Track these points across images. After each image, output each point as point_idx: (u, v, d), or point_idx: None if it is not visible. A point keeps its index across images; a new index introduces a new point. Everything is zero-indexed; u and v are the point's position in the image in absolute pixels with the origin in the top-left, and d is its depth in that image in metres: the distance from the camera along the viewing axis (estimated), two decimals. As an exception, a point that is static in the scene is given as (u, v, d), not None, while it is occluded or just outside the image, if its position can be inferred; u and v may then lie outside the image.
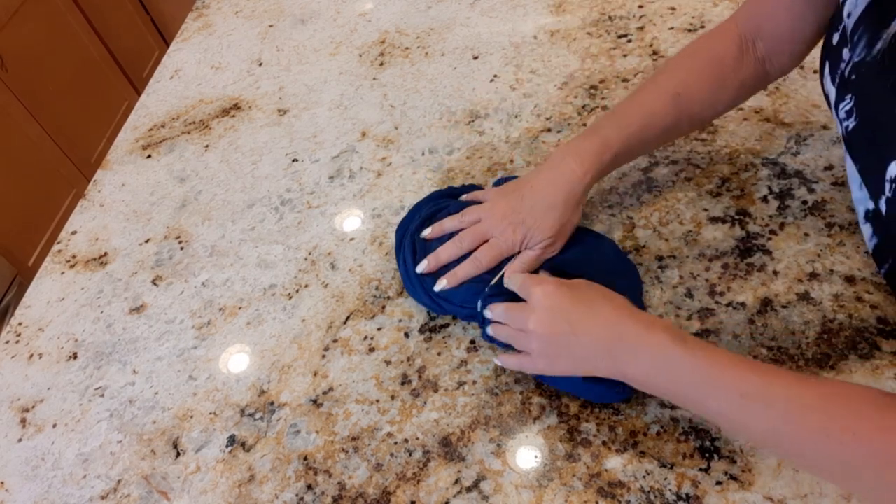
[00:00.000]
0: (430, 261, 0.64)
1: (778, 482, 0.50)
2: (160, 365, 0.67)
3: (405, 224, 0.70)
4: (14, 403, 0.67)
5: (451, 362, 0.61)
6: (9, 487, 0.61)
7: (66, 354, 0.70)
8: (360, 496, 0.54)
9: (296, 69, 0.99)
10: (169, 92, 1.01)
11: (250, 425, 0.61)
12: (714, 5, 0.91)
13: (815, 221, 0.64)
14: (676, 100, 0.61)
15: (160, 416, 0.63)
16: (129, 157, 0.92)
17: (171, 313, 0.71)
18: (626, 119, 0.62)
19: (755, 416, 0.43)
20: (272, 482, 0.56)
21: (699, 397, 0.46)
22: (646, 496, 0.50)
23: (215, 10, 1.17)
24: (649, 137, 0.63)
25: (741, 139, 0.74)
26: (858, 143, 0.51)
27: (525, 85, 0.87)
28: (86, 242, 0.82)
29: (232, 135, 0.91)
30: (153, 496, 0.58)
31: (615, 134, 0.61)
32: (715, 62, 0.62)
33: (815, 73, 0.78)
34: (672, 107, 0.61)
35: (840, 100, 0.52)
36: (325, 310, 0.68)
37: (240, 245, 0.76)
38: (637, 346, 0.48)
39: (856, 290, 0.59)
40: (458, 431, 0.57)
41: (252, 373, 0.64)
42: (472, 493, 0.53)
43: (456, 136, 0.82)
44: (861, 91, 0.49)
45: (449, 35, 0.98)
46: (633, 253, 0.66)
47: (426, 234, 0.67)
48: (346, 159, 0.83)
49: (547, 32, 0.94)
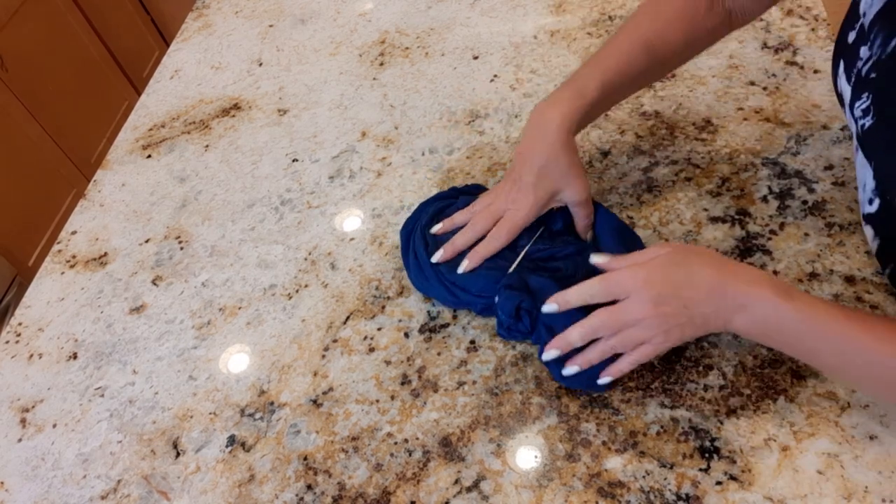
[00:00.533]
0: (447, 248, 0.64)
1: (778, 482, 0.50)
2: (160, 365, 0.67)
3: (411, 222, 0.69)
4: (14, 403, 0.67)
5: (451, 362, 0.61)
6: (9, 487, 0.61)
7: (66, 354, 0.70)
8: (360, 496, 0.54)
9: (296, 69, 0.99)
10: (169, 92, 1.01)
11: (250, 425, 0.61)
12: (714, 5, 0.91)
13: (815, 221, 0.64)
14: (649, 46, 0.62)
15: (160, 416, 0.63)
16: (129, 157, 0.92)
17: (171, 313, 0.71)
18: (601, 65, 0.62)
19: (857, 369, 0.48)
20: (272, 482, 0.56)
21: (806, 349, 0.49)
22: (646, 496, 0.50)
23: (215, 10, 1.17)
24: (624, 83, 0.63)
25: (741, 139, 0.74)
26: (874, 142, 0.51)
27: (525, 85, 0.87)
28: (86, 242, 0.82)
29: (232, 135, 0.91)
30: (153, 496, 0.58)
31: (591, 82, 0.61)
32: (686, 10, 0.62)
33: (816, 73, 0.78)
34: (645, 54, 0.62)
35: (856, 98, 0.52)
36: (325, 310, 0.68)
37: (240, 245, 0.76)
38: (744, 303, 0.49)
39: (856, 290, 0.59)
40: (458, 431, 0.57)
41: (252, 373, 0.64)
42: (472, 493, 0.53)
43: (456, 136, 0.82)
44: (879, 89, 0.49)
45: (449, 35, 0.98)
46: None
47: (436, 230, 0.66)
48: (346, 159, 0.83)
49: (547, 32, 0.94)
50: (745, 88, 0.79)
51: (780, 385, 0.54)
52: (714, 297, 0.50)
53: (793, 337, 0.48)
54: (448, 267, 0.63)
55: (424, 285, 0.65)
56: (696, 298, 0.50)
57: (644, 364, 0.57)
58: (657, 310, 0.51)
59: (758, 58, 0.82)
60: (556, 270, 0.61)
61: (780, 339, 0.49)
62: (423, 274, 0.64)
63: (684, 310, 0.50)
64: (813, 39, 0.82)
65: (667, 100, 0.80)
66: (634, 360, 0.53)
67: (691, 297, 0.50)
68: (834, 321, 0.47)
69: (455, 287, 0.62)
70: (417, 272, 0.65)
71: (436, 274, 0.64)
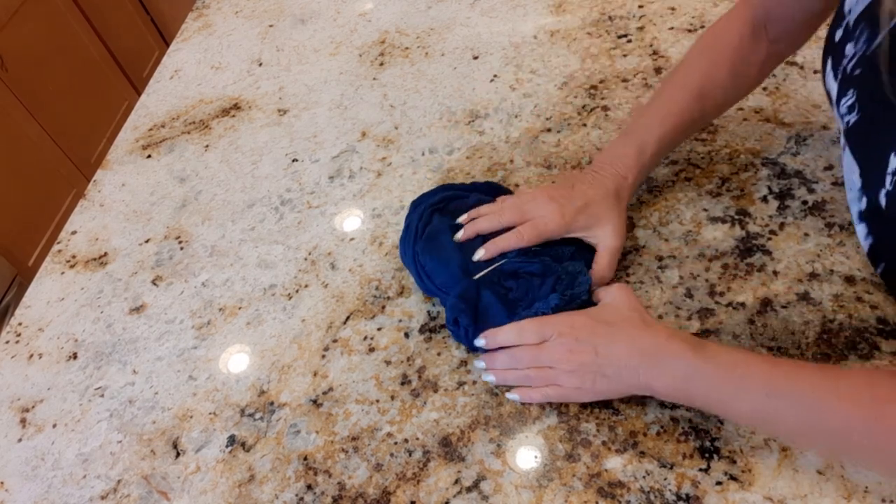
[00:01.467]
0: (468, 228, 0.64)
1: (778, 482, 0.50)
2: (160, 365, 0.67)
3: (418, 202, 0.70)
4: (14, 403, 0.67)
5: (450, 362, 0.61)
6: (9, 487, 0.61)
7: (66, 354, 0.70)
8: (360, 496, 0.54)
9: (296, 69, 0.99)
10: (169, 92, 1.01)
11: (250, 425, 0.61)
12: (714, 5, 0.91)
13: (815, 221, 0.64)
14: (701, 93, 0.63)
15: (160, 416, 0.63)
16: (129, 157, 0.92)
17: (171, 313, 0.71)
18: (657, 119, 0.64)
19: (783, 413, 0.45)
20: (272, 482, 0.56)
21: (726, 402, 0.48)
22: (646, 496, 0.50)
23: (215, 10, 1.17)
24: (679, 133, 0.65)
25: (741, 139, 0.74)
26: (859, 138, 0.51)
27: (525, 85, 0.87)
28: (86, 242, 0.82)
29: (232, 135, 0.91)
30: (153, 496, 0.58)
31: (650, 137, 0.63)
32: (732, 49, 0.63)
33: (816, 73, 0.78)
34: (697, 101, 0.63)
35: (842, 95, 0.52)
36: (325, 310, 0.68)
37: (240, 245, 0.76)
38: (658, 360, 0.50)
39: (855, 290, 0.59)
40: (458, 431, 0.57)
41: (252, 373, 0.64)
42: (472, 493, 0.53)
43: (456, 136, 0.82)
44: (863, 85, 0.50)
45: (449, 35, 0.98)
46: (633, 253, 0.66)
47: (462, 219, 0.66)
48: (346, 159, 0.83)
49: (547, 32, 0.94)
50: (745, 88, 0.79)
51: (780, 385, 0.54)
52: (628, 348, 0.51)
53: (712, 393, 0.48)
54: (423, 249, 0.64)
55: (406, 260, 0.67)
56: (611, 351, 0.52)
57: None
58: (572, 356, 0.53)
59: (758, 58, 0.82)
60: (508, 289, 0.61)
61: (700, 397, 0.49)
62: (406, 250, 0.66)
63: (596, 358, 0.52)
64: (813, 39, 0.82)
65: (667, 100, 0.80)
66: (543, 395, 0.55)
67: (607, 350, 0.52)
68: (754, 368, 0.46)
69: (423, 272, 0.64)
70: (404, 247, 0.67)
71: (413, 255, 0.65)
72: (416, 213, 0.68)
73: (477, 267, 0.62)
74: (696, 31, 0.88)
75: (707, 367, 0.48)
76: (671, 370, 0.49)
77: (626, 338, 0.52)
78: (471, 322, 0.59)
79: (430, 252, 0.64)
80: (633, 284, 0.63)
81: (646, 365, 0.50)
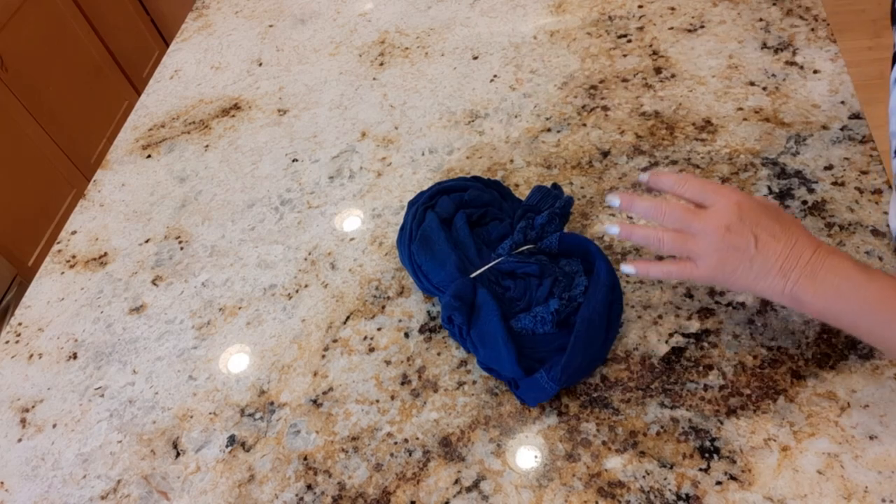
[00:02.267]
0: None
1: (778, 482, 0.50)
2: (160, 365, 0.67)
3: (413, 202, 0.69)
4: (14, 403, 0.67)
5: (450, 362, 0.61)
6: (9, 487, 0.61)
7: (66, 354, 0.70)
8: (360, 496, 0.54)
9: (296, 69, 0.99)
10: (169, 92, 1.01)
11: (250, 425, 0.61)
12: (714, 5, 0.91)
13: (815, 221, 0.64)
14: None
15: (160, 416, 0.63)
16: (129, 157, 0.92)
17: (170, 313, 0.71)
18: None
19: None
20: (272, 482, 0.56)
21: (881, 326, 0.45)
22: (646, 496, 0.50)
23: (215, 10, 1.17)
24: None
25: (741, 139, 0.74)
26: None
27: (525, 85, 0.87)
28: (86, 242, 0.82)
29: (232, 135, 0.91)
30: (153, 496, 0.58)
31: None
32: None
33: (815, 73, 0.78)
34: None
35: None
36: (325, 310, 0.68)
37: (240, 245, 0.76)
38: (816, 272, 0.46)
39: (856, 290, 0.59)
40: (457, 431, 0.57)
41: (252, 373, 0.64)
42: (472, 493, 0.53)
43: (456, 136, 0.82)
44: None
45: (449, 35, 0.98)
46: (633, 253, 0.66)
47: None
48: (346, 159, 0.83)
49: (547, 32, 0.94)
50: (745, 88, 0.79)
51: (780, 385, 0.54)
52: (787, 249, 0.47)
53: (867, 314, 0.45)
54: (418, 250, 0.64)
55: (403, 261, 0.67)
56: (770, 247, 0.47)
57: (644, 364, 0.57)
58: (727, 234, 0.48)
59: (757, 58, 0.82)
60: (506, 289, 0.61)
61: (852, 315, 0.46)
62: (402, 250, 0.66)
63: (750, 247, 0.47)
64: (813, 39, 0.82)
65: (666, 100, 0.80)
66: (666, 272, 0.50)
67: (766, 240, 0.47)
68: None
69: (420, 272, 0.64)
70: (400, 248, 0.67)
71: (409, 255, 0.65)
72: (410, 212, 0.68)
73: (473, 265, 0.62)
74: (695, 31, 0.88)
75: (870, 289, 0.44)
76: (828, 286, 0.45)
77: (790, 238, 0.47)
78: (465, 320, 0.58)
79: (425, 252, 0.64)
80: (633, 284, 0.63)
81: (803, 274, 0.46)
